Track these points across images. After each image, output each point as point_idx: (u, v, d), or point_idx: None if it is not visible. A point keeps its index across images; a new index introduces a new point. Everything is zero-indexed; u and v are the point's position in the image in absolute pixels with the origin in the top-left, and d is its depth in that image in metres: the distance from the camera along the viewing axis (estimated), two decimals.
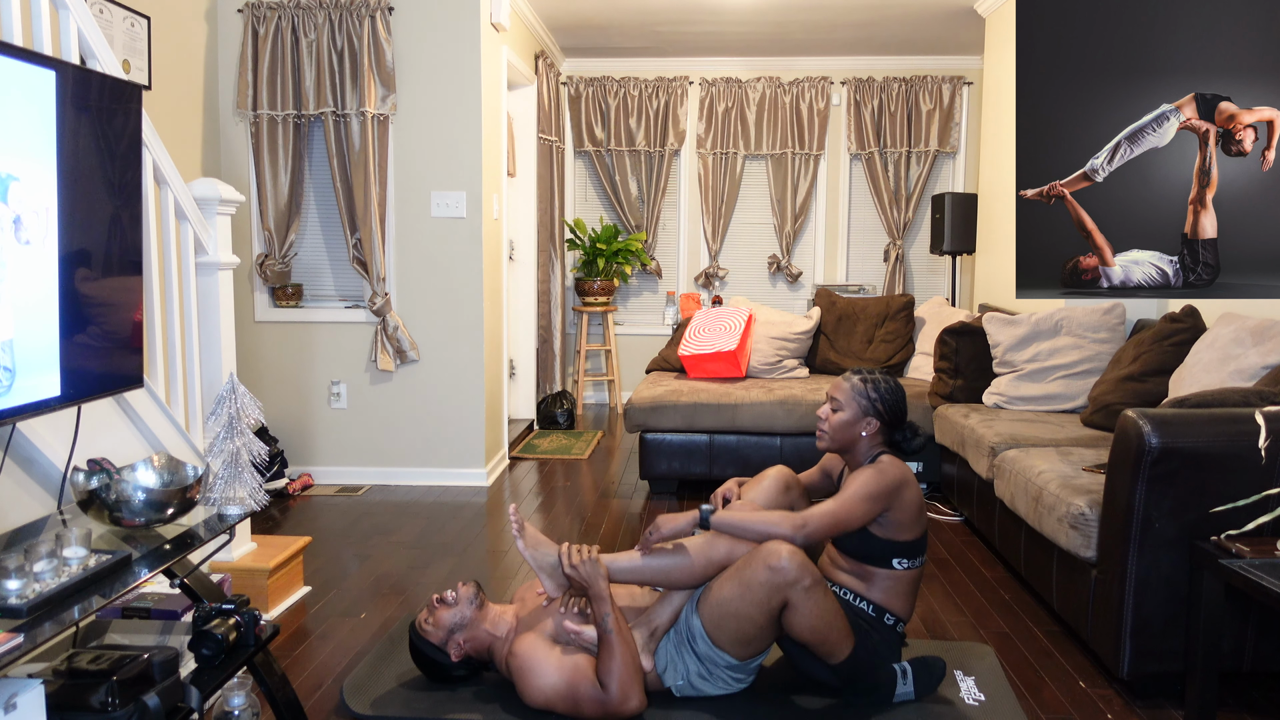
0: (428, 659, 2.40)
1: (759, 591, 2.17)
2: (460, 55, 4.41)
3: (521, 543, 2.37)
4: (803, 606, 2.17)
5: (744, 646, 2.26)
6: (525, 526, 2.39)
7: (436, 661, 2.40)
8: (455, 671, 2.42)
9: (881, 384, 2.40)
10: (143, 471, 2.02)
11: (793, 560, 2.15)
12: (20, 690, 1.49)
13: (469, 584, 2.44)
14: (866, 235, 6.81)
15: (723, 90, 6.65)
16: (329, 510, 4.17)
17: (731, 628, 2.23)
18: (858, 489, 2.26)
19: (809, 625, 2.19)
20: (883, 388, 2.40)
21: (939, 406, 4.19)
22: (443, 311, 4.52)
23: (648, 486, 4.58)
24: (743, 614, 2.20)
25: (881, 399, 2.38)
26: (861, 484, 2.27)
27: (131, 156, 2.17)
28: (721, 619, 2.23)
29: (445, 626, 2.38)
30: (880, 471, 2.29)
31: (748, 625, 2.21)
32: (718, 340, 4.76)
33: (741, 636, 2.23)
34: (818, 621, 2.19)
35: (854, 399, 2.38)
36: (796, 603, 2.16)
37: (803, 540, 2.20)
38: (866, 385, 2.39)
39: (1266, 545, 2.10)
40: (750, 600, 2.18)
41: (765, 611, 2.19)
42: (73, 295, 1.97)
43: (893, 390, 2.40)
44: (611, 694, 2.17)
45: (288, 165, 4.43)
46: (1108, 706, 2.39)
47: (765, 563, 2.17)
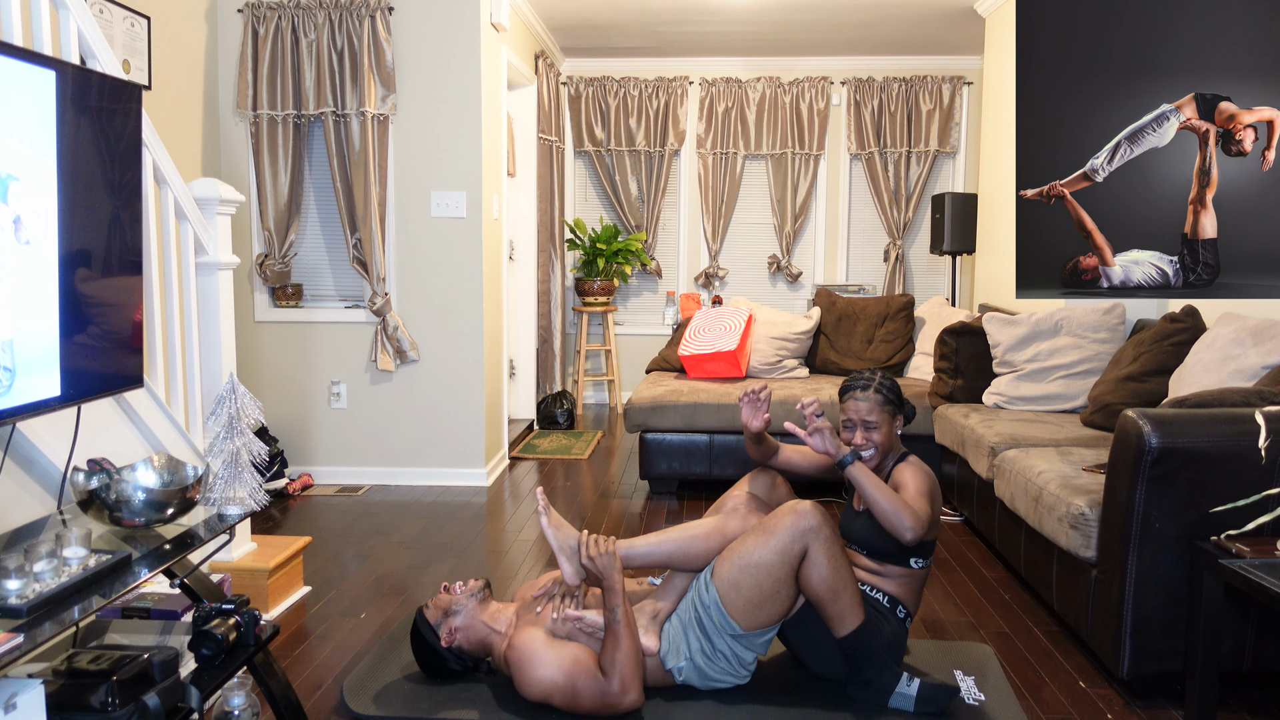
0: (420, 637, 2.44)
1: (783, 536, 2.24)
2: (460, 55, 4.41)
3: (546, 520, 2.39)
4: (821, 557, 2.23)
5: (757, 609, 2.28)
6: (551, 509, 2.42)
7: (427, 642, 2.42)
8: (448, 664, 2.43)
9: (887, 381, 2.51)
10: (143, 471, 2.02)
11: (815, 510, 2.26)
12: (20, 690, 1.49)
13: (480, 579, 2.51)
14: (866, 235, 6.81)
15: (723, 90, 6.65)
16: (329, 510, 4.17)
17: (749, 584, 2.26)
18: (919, 485, 2.36)
19: (825, 578, 2.24)
20: (890, 384, 2.51)
21: (939, 406, 4.19)
22: (443, 311, 4.53)
23: (648, 486, 4.58)
24: (764, 563, 2.25)
25: (897, 394, 2.50)
26: (919, 481, 2.37)
27: (131, 156, 2.17)
28: (741, 573, 2.27)
29: (442, 609, 2.44)
30: (926, 473, 2.41)
31: (766, 578, 2.25)
32: (718, 340, 4.76)
33: (757, 595, 2.26)
34: (833, 575, 2.24)
35: (883, 410, 2.47)
36: (816, 552, 2.23)
37: (915, 539, 2.25)
38: (883, 392, 2.48)
39: (1266, 545, 2.10)
40: (773, 547, 2.24)
41: (785, 560, 2.24)
42: (73, 295, 1.97)
43: (894, 380, 2.54)
44: (612, 684, 2.19)
45: (288, 165, 4.43)
46: (1108, 706, 2.39)
47: (790, 509, 2.28)
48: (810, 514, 2.25)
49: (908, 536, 2.24)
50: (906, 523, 2.24)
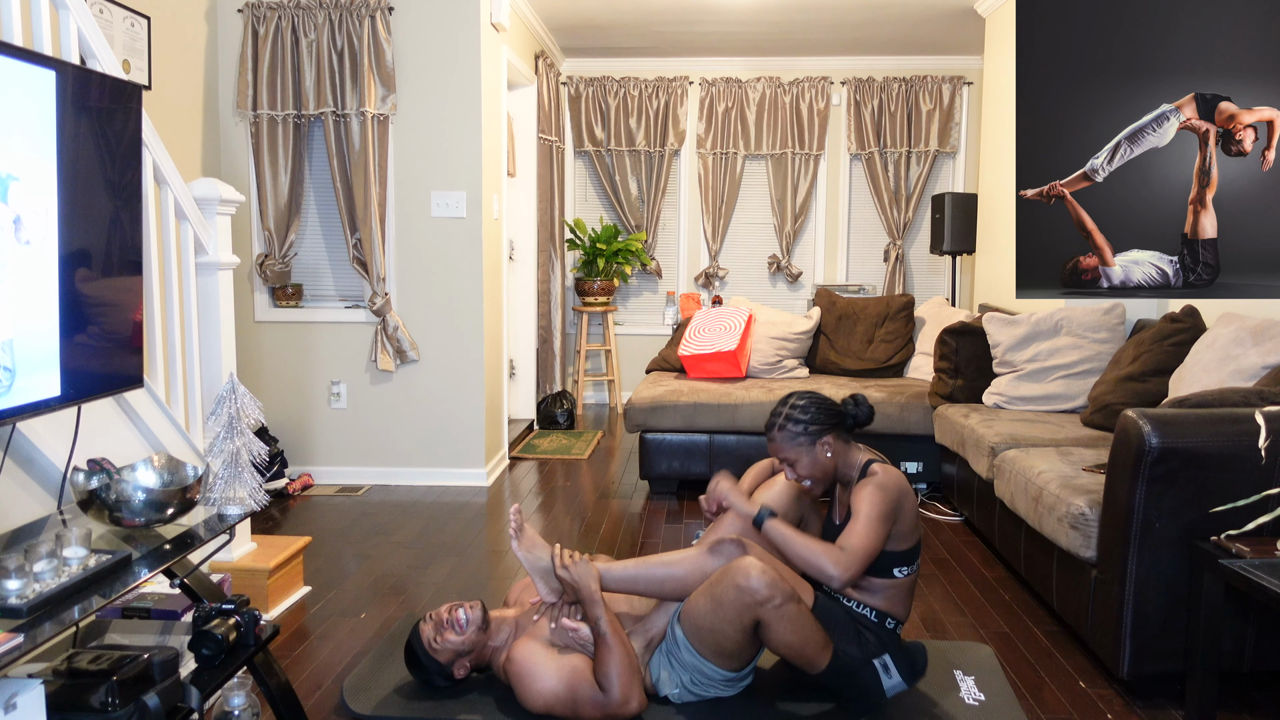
0: (429, 674, 2.38)
1: (730, 610, 2.15)
2: (460, 55, 4.41)
3: (517, 544, 2.37)
4: (776, 624, 2.15)
5: (727, 659, 2.25)
6: (524, 528, 2.39)
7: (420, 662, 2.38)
8: (436, 684, 2.41)
9: (795, 407, 2.31)
10: (143, 471, 2.02)
11: (761, 579, 2.11)
12: (20, 690, 1.49)
13: (475, 606, 2.37)
14: (866, 235, 6.81)
15: (723, 90, 6.65)
16: (329, 510, 4.17)
17: (710, 642, 2.22)
18: (869, 511, 2.18)
19: (784, 641, 2.18)
20: (800, 406, 2.30)
21: (939, 406, 4.19)
22: (443, 311, 4.52)
23: (648, 486, 4.58)
24: (718, 630, 2.19)
25: (811, 417, 2.28)
26: (871, 505, 2.19)
27: (131, 156, 2.17)
28: (699, 633, 2.23)
29: (452, 650, 2.35)
30: (881, 487, 2.22)
31: (725, 641, 2.21)
32: (718, 340, 4.76)
33: (721, 650, 2.23)
34: (792, 637, 2.17)
35: (795, 444, 2.29)
36: (769, 620, 2.14)
37: (844, 582, 2.12)
38: (790, 424, 2.28)
39: (1266, 545, 2.10)
40: (723, 618, 2.17)
41: (739, 629, 2.17)
42: (73, 295, 1.97)
43: (810, 400, 2.32)
44: (613, 697, 2.17)
45: (288, 165, 4.43)
46: (1108, 706, 2.39)
47: (734, 582, 2.14)
48: (756, 587, 2.11)
49: (834, 584, 2.11)
50: (829, 570, 2.10)
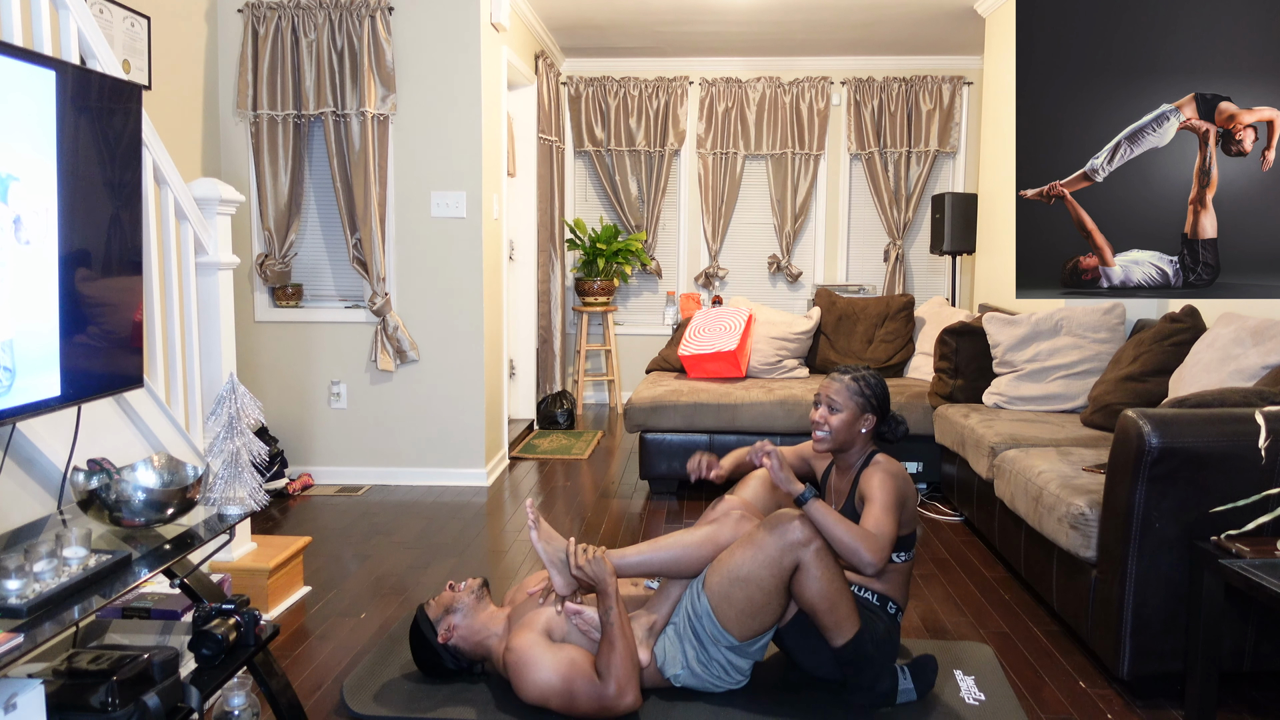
0: (419, 633, 2.46)
1: (771, 550, 2.20)
2: (460, 55, 4.41)
3: (536, 534, 2.39)
4: (813, 569, 2.19)
5: (749, 620, 2.26)
6: (541, 521, 2.41)
7: (424, 638, 2.44)
8: (444, 662, 2.45)
9: (871, 379, 2.48)
10: (143, 471, 2.02)
11: (804, 525, 2.20)
12: (20, 690, 1.49)
13: (478, 578, 2.53)
14: (866, 235, 6.81)
15: (723, 90, 6.65)
16: (329, 510, 4.17)
17: (740, 596, 2.24)
18: (885, 499, 2.29)
19: (819, 590, 2.20)
20: (873, 383, 2.47)
21: (939, 406, 4.19)
22: (443, 311, 4.52)
23: (648, 486, 4.58)
24: (753, 577, 2.22)
25: (875, 394, 2.46)
26: (885, 491, 2.30)
27: (131, 156, 2.17)
28: (731, 585, 2.25)
29: (443, 606, 2.46)
30: (891, 474, 2.35)
31: (756, 591, 2.22)
32: (718, 340, 4.76)
33: (749, 606, 2.24)
34: (828, 586, 2.20)
35: (851, 398, 2.45)
36: (807, 564, 2.19)
37: (878, 569, 2.19)
38: (859, 383, 2.46)
39: (1266, 545, 2.10)
40: (761, 561, 2.21)
41: (776, 573, 2.21)
42: (73, 295, 1.97)
43: (881, 384, 2.49)
44: (609, 687, 2.19)
45: (288, 165, 4.43)
46: (1108, 706, 2.39)
47: (776, 523, 2.23)
48: (798, 527, 2.20)
49: (868, 571, 2.18)
50: (865, 557, 2.17)
